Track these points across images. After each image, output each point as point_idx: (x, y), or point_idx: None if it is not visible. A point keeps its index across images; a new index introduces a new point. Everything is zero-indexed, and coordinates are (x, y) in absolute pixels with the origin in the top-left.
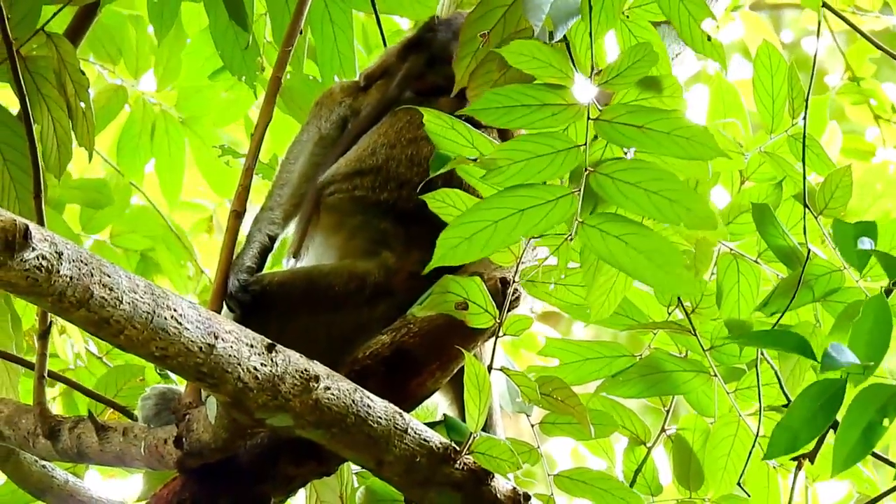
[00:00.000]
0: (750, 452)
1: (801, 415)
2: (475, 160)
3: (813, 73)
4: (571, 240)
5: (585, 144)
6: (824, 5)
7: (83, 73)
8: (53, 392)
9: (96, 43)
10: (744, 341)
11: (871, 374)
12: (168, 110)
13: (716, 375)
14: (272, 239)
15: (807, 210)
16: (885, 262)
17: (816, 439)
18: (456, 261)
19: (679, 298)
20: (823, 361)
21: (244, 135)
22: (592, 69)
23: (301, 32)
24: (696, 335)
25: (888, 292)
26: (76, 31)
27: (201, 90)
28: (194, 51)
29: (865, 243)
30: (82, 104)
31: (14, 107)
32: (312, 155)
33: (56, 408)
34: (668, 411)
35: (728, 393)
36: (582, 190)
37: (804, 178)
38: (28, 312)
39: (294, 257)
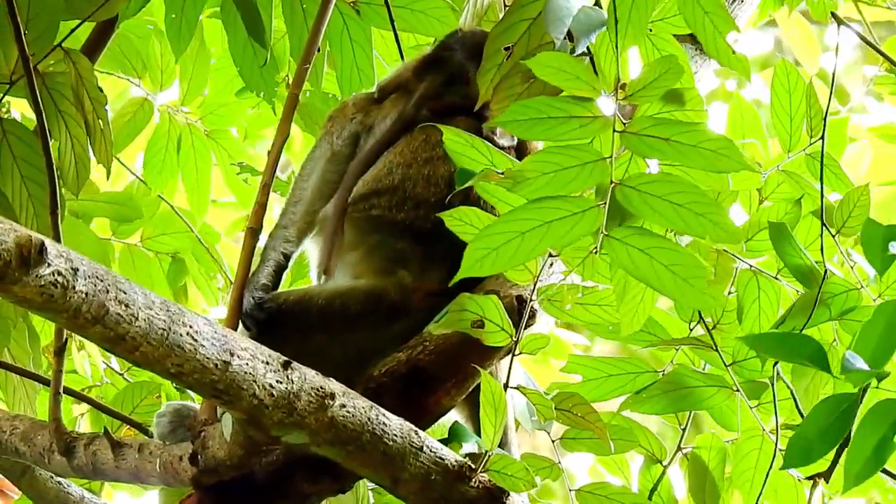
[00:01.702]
0: (770, 465)
1: (815, 427)
2: (502, 174)
3: (832, 90)
4: (597, 253)
5: (611, 157)
6: (835, 18)
7: (101, 90)
8: (81, 409)
9: (121, 56)
10: (761, 348)
11: (884, 380)
12: (194, 123)
13: (738, 390)
14: (287, 257)
15: (824, 228)
16: None
17: (832, 458)
18: (483, 272)
19: (700, 315)
20: (842, 367)
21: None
22: (618, 82)
23: (319, 50)
24: (717, 351)
25: None
26: (94, 47)
27: (228, 105)
28: (221, 67)
29: (894, 248)
30: (100, 121)
31: (32, 123)
32: (325, 172)
33: (85, 424)
34: (684, 430)
35: (751, 408)
36: (608, 203)
37: (822, 196)
38: (46, 329)
39: (325, 273)
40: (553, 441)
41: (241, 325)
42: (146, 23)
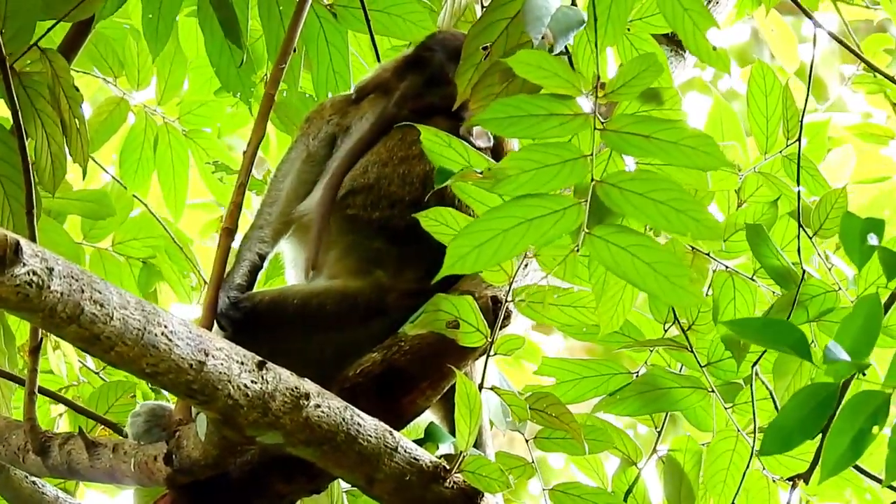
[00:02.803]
0: (746, 467)
1: (793, 415)
2: (481, 173)
3: (809, 87)
4: (578, 251)
5: (592, 154)
6: (809, 17)
7: (77, 89)
8: (59, 409)
9: (97, 55)
10: (745, 334)
11: (864, 372)
12: (171, 122)
13: (713, 391)
14: (262, 257)
15: (801, 230)
16: (887, 260)
17: (812, 458)
18: (465, 269)
19: (675, 316)
20: (825, 357)
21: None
22: (597, 80)
23: (295, 50)
24: (692, 351)
25: (886, 307)
26: (71, 46)
27: (206, 105)
28: (199, 66)
29: (873, 239)
30: (76, 120)
31: (8, 122)
32: (301, 172)
33: (63, 425)
34: (659, 432)
35: (726, 408)
36: (589, 200)
37: (798, 197)
38: (22, 328)
39: (313, 268)
40: (527, 440)
41: (216, 325)
42: (123, 22)
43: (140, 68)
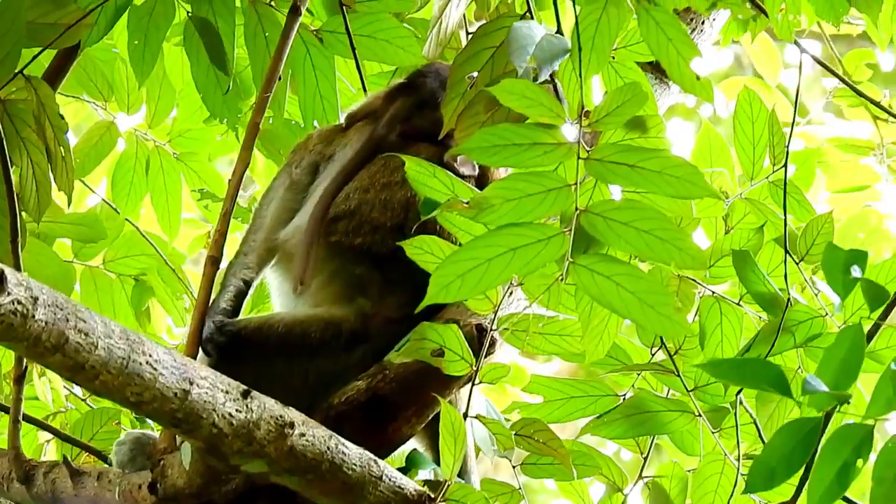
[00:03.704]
0: (732, 492)
1: (778, 451)
2: (466, 203)
3: (795, 111)
4: (563, 280)
5: (576, 184)
6: (796, 44)
7: (62, 117)
8: (46, 436)
9: (85, 79)
10: (721, 375)
11: (846, 404)
12: (162, 146)
13: (700, 415)
14: (247, 283)
15: (788, 256)
16: (870, 293)
17: (796, 486)
18: (449, 298)
19: (662, 341)
20: (803, 389)
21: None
22: (581, 109)
23: (280, 78)
24: (679, 376)
25: (870, 335)
26: (56, 74)
27: (195, 130)
28: (190, 93)
29: (856, 271)
30: (61, 147)
31: None
32: (284, 200)
33: (51, 451)
34: (645, 458)
35: (713, 432)
36: (573, 229)
37: (785, 224)
38: (8, 355)
39: (301, 284)
40: (514, 466)
41: (201, 352)
42: (111, 46)
43: (130, 92)
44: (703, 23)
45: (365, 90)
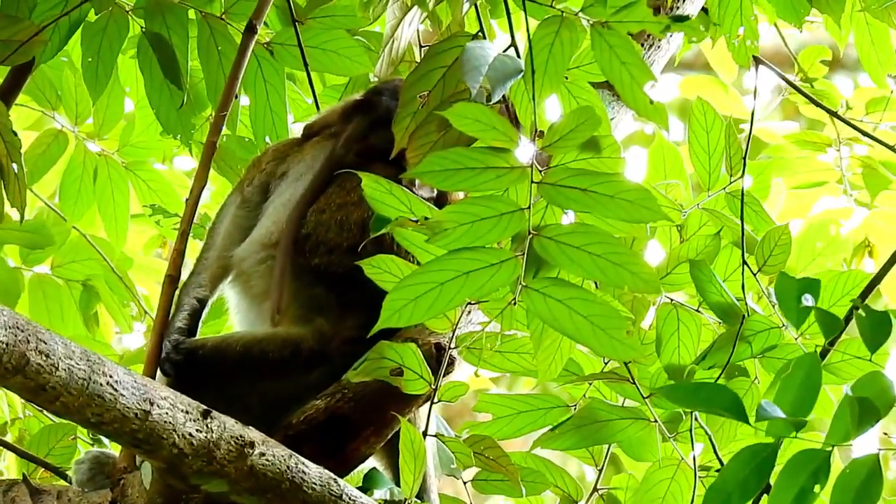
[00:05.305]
0: (692, 499)
1: (733, 477)
2: (416, 221)
3: (750, 131)
4: (515, 304)
5: (529, 207)
6: (756, 60)
7: (16, 134)
8: (7, 453)
9: (33, 88)
10: (677, 398)
11: (801, 431)
12: (111, 155)
13: (657, 421)
14: (201, 302)
15: (745, 267)
16: (824, 322)
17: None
18: (401, 323)
19: None
20: (758, 415)
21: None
22: (535, 132)
23: (237, 97)
24: (635, 383)
25: (824, 353)
26: (10, 90)
27: (145, 140)
28: (145, 106)
29: (808, 300)
30: (14, 165)
31: None
32: (235, 217)
33: (9, 463)
34: (600, 470)
35: (669, 437)
36: (526, 253)
37: (742, 235)
38: None
39: (278, 313)
40: (465, 483)
41: (159, 372)
42: (62, 54)
43: (78, 101)
44: (659, 39)
45: (317, 103)
